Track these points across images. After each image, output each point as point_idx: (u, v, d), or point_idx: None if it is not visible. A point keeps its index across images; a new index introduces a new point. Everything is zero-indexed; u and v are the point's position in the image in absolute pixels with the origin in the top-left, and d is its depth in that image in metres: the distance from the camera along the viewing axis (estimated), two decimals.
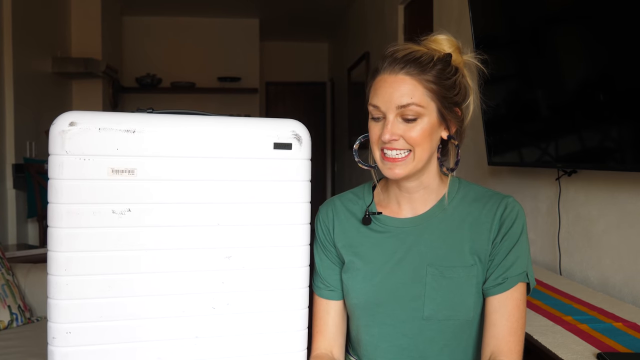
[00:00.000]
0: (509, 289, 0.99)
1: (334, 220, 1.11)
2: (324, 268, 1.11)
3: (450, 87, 0.99)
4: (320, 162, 7.18)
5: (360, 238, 1.08)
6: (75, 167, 0.91)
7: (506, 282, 0.99)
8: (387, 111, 0.98)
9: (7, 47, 3.44)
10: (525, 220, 1.03)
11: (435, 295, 1.01)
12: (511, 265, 1.00)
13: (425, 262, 1.02)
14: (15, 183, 3.54)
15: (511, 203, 1.02)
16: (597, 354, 1.17)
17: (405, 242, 1.05)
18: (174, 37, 5.84)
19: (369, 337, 1.07)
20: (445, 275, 1.01)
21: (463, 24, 2.62)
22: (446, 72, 0.99)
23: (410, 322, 1.03)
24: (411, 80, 0.97)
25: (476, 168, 2.61)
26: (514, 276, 0.99)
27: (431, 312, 1.01)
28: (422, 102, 0.97)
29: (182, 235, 0.97)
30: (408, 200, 1.07)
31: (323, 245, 1.11)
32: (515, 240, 1.01)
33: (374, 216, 1.08)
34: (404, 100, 0.96)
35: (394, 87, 0.97)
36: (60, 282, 0.92)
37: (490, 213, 1.02)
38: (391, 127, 0.97)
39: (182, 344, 0.98)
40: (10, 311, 2.13)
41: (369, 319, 1.06)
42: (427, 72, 0.97)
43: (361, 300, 1.06)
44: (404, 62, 0.97)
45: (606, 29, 1.52)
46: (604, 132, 1.60)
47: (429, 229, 1.04)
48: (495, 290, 1.00)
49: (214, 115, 1.00)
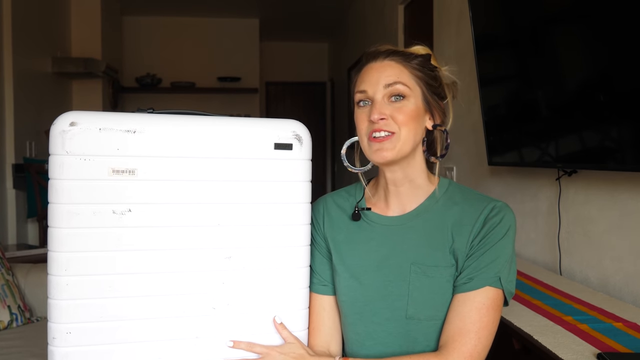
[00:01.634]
0: (471, 290, 0.96)
1: (324, 215, 1.12)
2: (317, 263, 1.11)
3: (433, 77, 1.04)
4: (320, 162, 7.18)
5: (348, 235, 1.09)
6: (75, 167, 0.91)
7: (471, 282, 0.97)
8: (375, 93, 1.00)
9: (7, 47, 3.44)
10: (512, 227, 0.99)
11: (417, 294, 1.01)
12: (483, 267, 0.97)
13: (409, 260, 1.02)
14: (15, 183, 3.54)
15: (499, 207, 1.00)
16: (597, 354, 1.17)
17: (391, 240, 1.05)
18: (174, 37, 5.84)
19: (355, 335, 1.07)
20: (428, 275, 1.01)
21: (463, 24, 2.62)
22: (428, 63, 1.04)
23: (394, 321, 1.03)
24: (397, 65, 1.01)
25: (476, 168, 2.61)
26: (482, 278, 0.96)
27: (414, 311, 1.01)
28: (408, 83, 1.00)
29: (183, 236, 0.97)
30: (396, 196, 1.07)
31: (315, 240, 1.12)
32: (494, 242, 0.97)
33: (363, 213, 1.09)
34: (390, 80, 1.00)
35: (380, 70, 1.01)
36: (60, 282, 0.92)
37: (475, 214, 1.00)
38: (379, 106, 1.00)
39: (182, 344, 0.98)
40: (10, 311, 2.13)
41: (356, 317, 1.06)
42: (410, 60, 1.02)
43: (349, 297, 1.06)
44: (388, 53, 1.02)
45: (606, 29, 1.52)
46: (604, 132, 1.60)
47: (414, 227, 1.05)
48: (458, 288, 0.98)
49: (214, 116, 1.00)
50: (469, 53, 2.38)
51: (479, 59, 2.16)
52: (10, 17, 3.43)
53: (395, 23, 3.89)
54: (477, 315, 0.95)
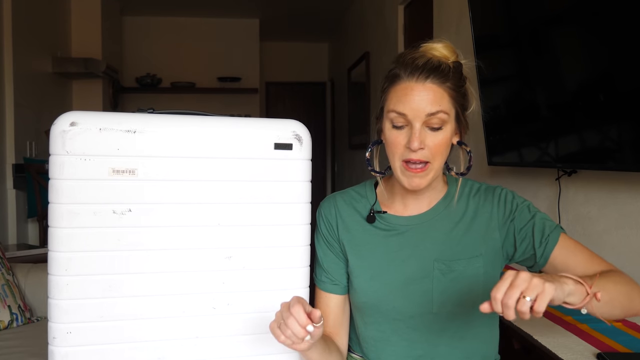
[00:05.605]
0: (556, 242, 1.01)
1: (337, 217, 1.12)
2: (329, 262, 1.12)
3: (464, 95, 1.03)
4: (320, 162, 7.17)
5: (365, 236, 1.09)
6: (76, 167, 0.91)
7: (549, 238, 1.01)
8: (415, 119, 0.97)
9: (7, 47, 3.44)
10: (516, 194, 1.08)
11: (443, 289, 1.04)
12: (543, 227, 1.03)
13: (432, 257, 1.05)
14: (16, 183, 3.54)
15: (499, 190, 1.08)
16: (597, 354, 1.17)
17: (411, 239, 1.07)
18: (174, 37, 5.83)
19: (379, 333, 1.08)
20: (453, 269, 1.04)
21: (463, 24, 2.62)
22: (461, 80, 1.02)
23: (419, 317, 1.05)
24: (437, 89, 0.98)
25: (476, 168, 2.61)
26: (552, 231, 1.02)
27: (440, 306, 1.04)
28: (447, 109, 0.99)
29: (183, 236, 0.97)
30: (415, 201, 1.09)
31: (327, 241, 1.12)
32: (524, 209, 1.05)
33: (379, 215, 1.09)
34: (433, 109, 0.97)
35: (422, 95, 0.97)
36: (60, 282, 0.92)
37: (487, 205, 1.07)
38: (420, 135, 0.97)
39: (182, 344, 0.99)
40: (10, 311, 2.13)
41: (379, 316, 1.07)
42: (448, 80, 0.99)
43: (370, 298, 1.07)
44: (428, 71, 0.98)
45: (606, 29, 1.52)
46: (603, 132, 1.60)
47: (433, 225, 1.07)
48: (546, 251, 1.02)
49: (214, 116, 1.01)
50: (469, 53, 2.38)
51: (479, 59, 2.16)
52: (11, 17, 3.43)
53: (395, 23, 3.89)
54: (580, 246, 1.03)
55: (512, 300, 0.74)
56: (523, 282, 0.75)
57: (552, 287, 0.75)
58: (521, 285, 0.74)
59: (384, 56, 4.18)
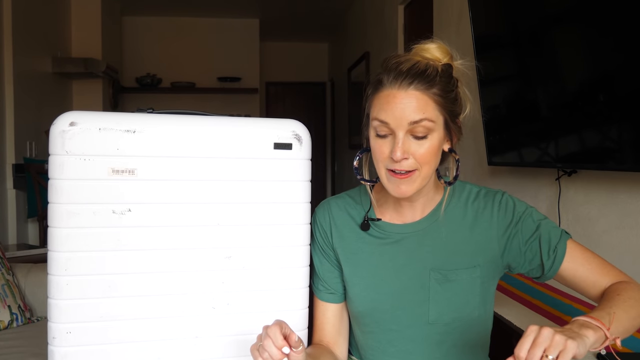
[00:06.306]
0: (564, 254, 1.01)
1: (331, 224, 1.09)
2: (324, 271, 1.10)
3: (454, 100, 0.97)
4: (320, 162, 7.17)
5: (359, 244, 1.07)
6: (75, 167, 0.91)
7: (557, 249, 1.00)
8: (397, 128, 0.93)
9: (7, 47, 3.44)
10: (517, 200, 1.05)
11: (439, 299, 1.01)
12: (549, 237, 1.01)
13: (428, 267, 1.02)
14: (16, 183, 3.54)
15: (499, 196, 1.05)
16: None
17: (406, 248, 1.04)
18: (174, 37, 5.83)
19: (376, 342, 1.07)
20: (449, 279, 1.01)
21: (463, 24, 2.62)
22: (450, 84, 0.97)
23: (415, 327, 1.03)
24: (422, 95, 0.93)
25: (476, 168, 2.61)
26: (559, 240, 1.01)
27: (436, 316, 1.01)
28: (432, 117, 0.93)
29: (182, 235, 0.97)
30: (408, 208, 1.05)
31: (322, 249, 1.10)
32: (528, 218, 1.02)
33: (373, 222, 1.06)
34: (416, 116, 0.92)
35: (405, 102, 0.92)
36: (60, 282, 0.92)
37: (487, 212, 1.03)
38: (402, 144, 0.93)
39: (182, 344, 0.99)
40: (10, 311, 2.13)
41: (374, 326, 1.06)
42: (434, 85, 0.94)
43: (365, 307, 1.05)
44: (412, 77, 0.93)
45: (606, 29, 1.52)
46: (604, 132, 1.60)
47: (429, 233, 1.04)
48: (555, 264, 1.01)
49: (214, 116, 1.01)
50: (469, 53, 2.38)
51: (479, 59, 2.16)
52: (11, 17, 3.43)
53: (395, 23, 3.89)
54: (589, 254, 1.02)
55: (536, 359, 0.73)
56: (546, 340, 0.74)
57: (574, 345, 0.74)
58: (544, 343, 0.74)
59: (384, 56, 4.18)
